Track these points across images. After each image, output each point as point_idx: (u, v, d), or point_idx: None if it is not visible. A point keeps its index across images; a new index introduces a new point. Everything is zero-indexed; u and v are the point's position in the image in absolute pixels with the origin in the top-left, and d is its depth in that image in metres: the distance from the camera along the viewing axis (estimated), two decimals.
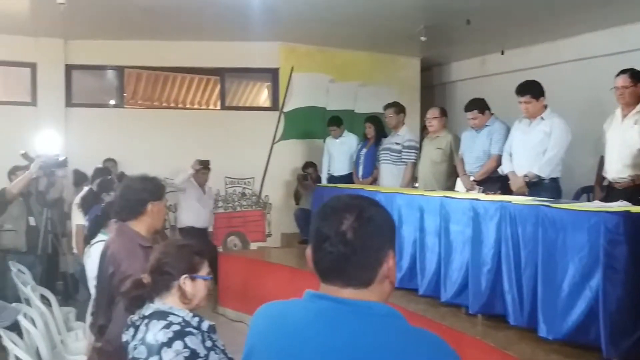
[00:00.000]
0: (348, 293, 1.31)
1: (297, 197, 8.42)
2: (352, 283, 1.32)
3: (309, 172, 8.23)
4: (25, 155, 5.83)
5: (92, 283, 3.99)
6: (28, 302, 4.45)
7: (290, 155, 8.72)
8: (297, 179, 8.41)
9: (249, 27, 7.57)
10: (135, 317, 2.21)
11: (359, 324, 1.27)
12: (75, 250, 5.82)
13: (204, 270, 2.30)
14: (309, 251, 1.38)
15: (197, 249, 2.35)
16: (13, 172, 6.13)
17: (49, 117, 7.85)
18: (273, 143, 8.67)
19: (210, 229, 8.04)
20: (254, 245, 8.54)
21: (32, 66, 8.14)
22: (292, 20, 7.42)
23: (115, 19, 7.34)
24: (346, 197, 1.40)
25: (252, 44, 8.43)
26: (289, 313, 1.41)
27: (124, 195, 2.96)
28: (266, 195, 8.81)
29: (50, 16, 6.87)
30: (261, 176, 8.75)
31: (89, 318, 3.39)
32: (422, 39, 7.21)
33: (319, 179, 7.84)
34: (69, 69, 8.29)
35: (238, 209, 8.73)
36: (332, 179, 7.58)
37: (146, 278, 2.22)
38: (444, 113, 6.28)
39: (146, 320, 2.17)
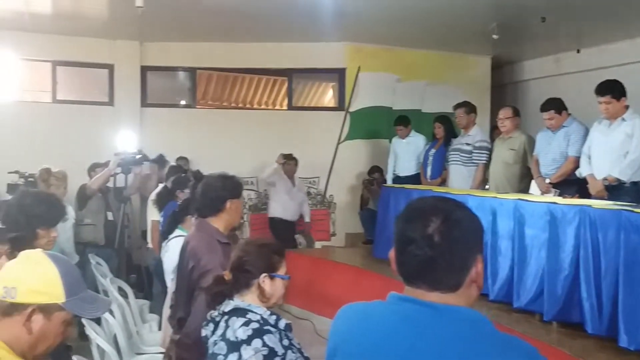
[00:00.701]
0: (434, 297, 1.30)
1: (363, 202, 8.43)
2: (439, 287, 1.30)
3: (375, 177, 8.19)
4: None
5: (169, 277, 4.14)
6: (106, 294, 4.66)
7: (356, 155, 8.72)
8: (363, 184, 8.40)
9: (317, 28, 7.64)
10: (215, 313, 2.27)
11: (447, 328, 1.25)
12: (150, 245, 6.04)
13: (283, 270, 2.34)
14: (392, 253, 1.36)
15: (277, 248, 2.39)
16: (92, 168, 6.43)
17: (125, 117, 8.20)
18: (338, 143, 8.69)
19: (307, 219, 8.09)
20: (318, 244, 8.60)
21: (110, 67, 8.52)
22: (359, 21, 7.42)
23: (188, 21, 7.58)
24: (432, 199, 1.38)
25: (319, 45, 8.49)
26: (373, 314, 1.40)
27: (204, 193, 3.05)
28: (331, 195, 8.84)
29: (127, 20, 7.17)
30: (326, 176, 8.79)
31: (166, 310, 3.51)
32: (495, 37, 7.04)
33: (385, 184, 7.81)
34: (144, 70, 8.62)
35: None
36: (397, 179, 7.51)
37: (227, 275, 2.28)
38: (516, 113, 6.10)
39: (226, 317, 2.22)
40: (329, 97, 9.52)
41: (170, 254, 4.11)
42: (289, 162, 7.80)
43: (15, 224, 2.90)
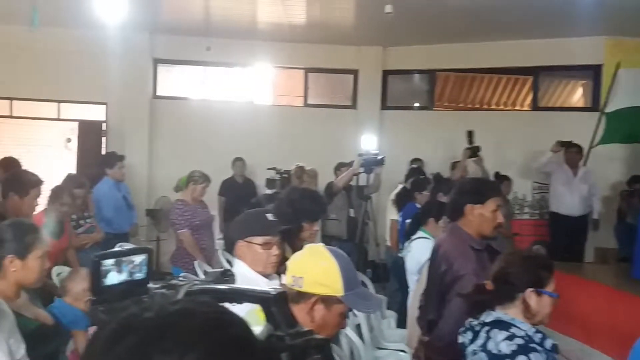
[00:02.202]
0: None
1: (620, 214, 7.54)
2: None
3: (635, 187, 7.26)
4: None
5: (411, 277, 4.22)
6: None
7: (611, 161, 7.84)
8: (620, 196, 7.51)
9: (570, 22, 7.05)
10: (474, 321, 2.22)
11: None
12: (388, 243, 6.21)
13: (551, 287, 2.19)
14: None
15: (544, 262, 2.24)
16: (338, 167, 6.85)
17: (366, 119, 8.56)
18: (590, 147, 7.90)
19: (595, 216, 7.37)
20: None
21: (355, 73, 8.99)
22: (621, 12, 6.64)
23: (429, 24, 7.61)
24: None
25: (572, 40, 7.84)
26: None
27: (450, 196, 3.02)
28: None
29: (372, 26, 7.49)
30: None
31: (412, 310, 3.56)
32: None
33: None
34: (385, 74, 8.91)
35: (546, 216, 8.21)
36: None
37: (489, 285, 2.21)
38: None
39: (487, 328, 2.15)
40: (577, 96, 8.74)
41: (413, 254, 4.18)
42: (569, 150, 7.27)
43: (283, 217, 3.20)
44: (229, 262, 5.26)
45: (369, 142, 6.86)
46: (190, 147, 8.56)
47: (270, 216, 2.61)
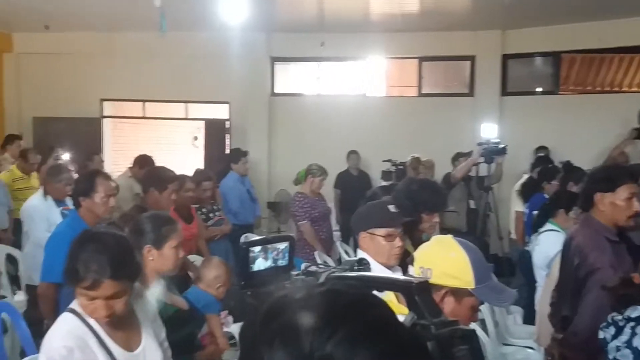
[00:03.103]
0: None
1: None
2: None
3: None
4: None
5: (539, 271, 4.02)
6: None
7: None
8: None
9: None
10: (618, 316, 2.08)
11: None
12: (513, 236, 5.97)
13: None
14: None
15: None
16: (456, 158, 6.67)
17: (485, 107, 8.26)
18: None
19: None
20: None
21: (472, 59, 8.70)
22: None
23: (553, 3, 7.16)
24: None
25: None
26: None
27: (581, 185, 2.85)
28: None
29: (490, 9, 7.19)
30: None
31: (543, 307, 3.39)
32: None
33: None
34: (505, 58, 8.53)
35: None
36: None
37: (637, 278, 2.05)
38: None
39: (632, 323, 2.01)
40: None
41: (541, 248, 3.98)
42: None
43: (402, 209, 3.17)
44: (346, 252, 5.34)
45: (489, 131, 6.62)
46: (306, 141, 8.76)
47: (392, 208, 2.60)
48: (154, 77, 9.02)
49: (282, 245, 1.12)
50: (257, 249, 1.07)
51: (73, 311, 1.67)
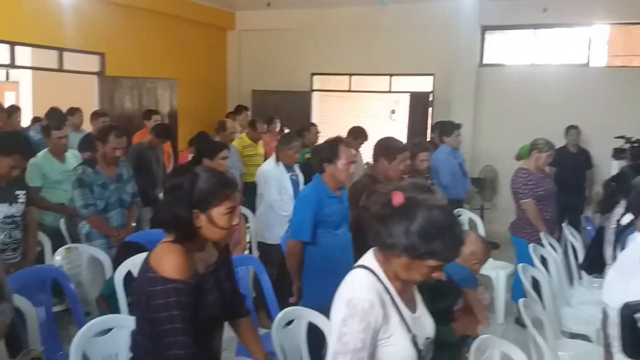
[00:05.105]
0: None
1: None
2: None
3: None
4: None
5: None
6: None
7: None
8: None
9: None
10: None
11: None
12: None
13: None
14: None
15: None
16: None
17: None
18: None
19: None
20: None
21: None
22: None
23: None
24: None
25: None
26: None
27: None
28: None
29: None
30: None
31: None
32: None
33: None
34: None
35: None
36: None
37: None
38: None
39: None
40: None
41: None
42: None
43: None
44: (573, 235, 4.96)
45: None
46: (515, 115, 8.32)
47: None
48: (360, 51, 9.22)
49: None
50: None
51: (366, 268, 1.73)
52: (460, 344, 2.34)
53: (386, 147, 3.87)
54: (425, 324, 1.84)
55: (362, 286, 1.68)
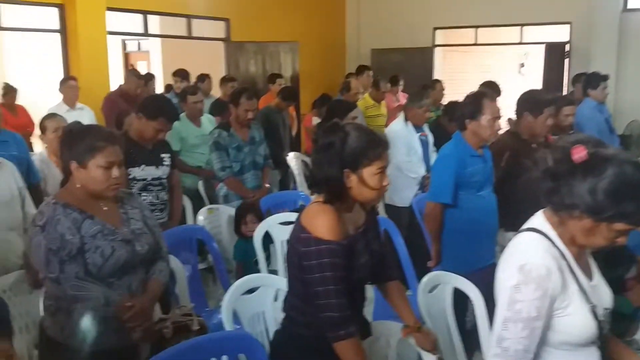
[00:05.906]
0: None
1: None
2: None
3: None
4: None
5: None
6: None
7: None
8: None
9: None
10: None
11: None
12: None
13: None
14: None
15: None
16: None
17: None
18: None
19: None
20: None
21: None
22: None
23: None
24: None
25: None
26: None
27: None
28: None
29: None
30: None
31: None
32: None
33: None
34: None
35: None
36: None
37: None
38: None
39: None
40: None
41: None
42: None
43: None
44: None
45: None
46: None
47: None
48: (486, 1, 8.65)
49: None
50: None
51: (539, 232, 1.57)
52: (636, 316, 2.11)
53: (532, 100, 3.56)
54: (603, 294, 1.66)
55: (537, 251, 1.52)
